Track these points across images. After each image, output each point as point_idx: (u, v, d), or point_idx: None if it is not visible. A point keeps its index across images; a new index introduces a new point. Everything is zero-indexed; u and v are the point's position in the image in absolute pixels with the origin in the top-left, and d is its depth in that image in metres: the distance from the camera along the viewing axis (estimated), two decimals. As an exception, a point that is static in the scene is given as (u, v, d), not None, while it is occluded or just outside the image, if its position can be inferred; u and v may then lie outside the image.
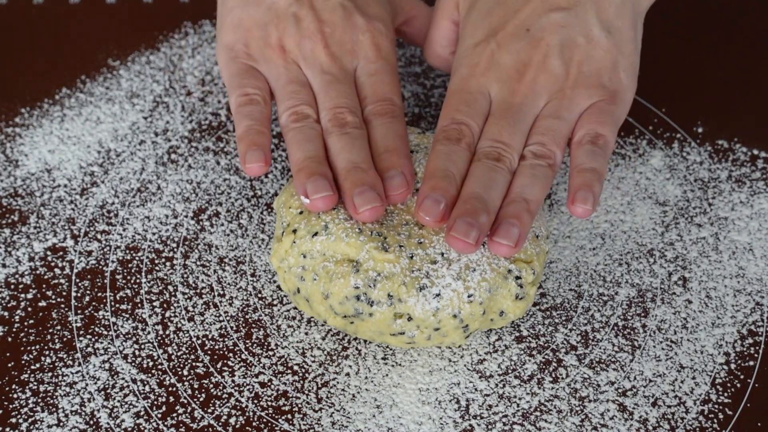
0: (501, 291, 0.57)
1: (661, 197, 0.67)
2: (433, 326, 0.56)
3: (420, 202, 0.56)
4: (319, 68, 0.63)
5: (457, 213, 0.55)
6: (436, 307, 0.55)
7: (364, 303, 0.56)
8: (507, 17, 0.61)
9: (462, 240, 0.54)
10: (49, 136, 0.71)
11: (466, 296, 0.56)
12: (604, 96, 0.60)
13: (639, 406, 0.56)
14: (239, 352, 0.59)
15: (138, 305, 0.61)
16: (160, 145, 0.71)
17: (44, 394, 0.57)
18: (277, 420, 0.56)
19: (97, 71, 0.76)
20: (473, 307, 0.56)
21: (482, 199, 0.55)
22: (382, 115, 0.61)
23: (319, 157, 0.59)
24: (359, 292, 0.56)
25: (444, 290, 0.55)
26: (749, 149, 0.70)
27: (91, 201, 0.67)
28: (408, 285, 0.56)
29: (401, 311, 0.56)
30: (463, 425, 0.55)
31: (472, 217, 0.54)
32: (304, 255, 0.57)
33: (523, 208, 0.56)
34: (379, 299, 0.56)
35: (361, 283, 0.56)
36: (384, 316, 0.56)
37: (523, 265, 0.57)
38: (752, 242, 0.64)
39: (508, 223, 0.55)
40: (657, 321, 0.60)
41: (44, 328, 0.60)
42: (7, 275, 0.63)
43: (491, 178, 0.57)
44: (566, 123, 0.59)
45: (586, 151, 0.58)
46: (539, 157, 0.58)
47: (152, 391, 0.57)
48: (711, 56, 0.78)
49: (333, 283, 0.56)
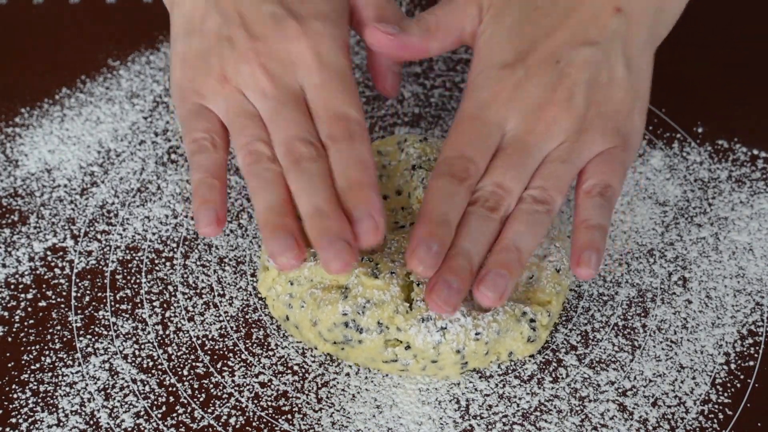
0: (512, 333, 0.56)
1: (661, 197, 0.67)
2: (431, 358, 0.55)
3: (414, 249, 0.53)
4: (261, 93, 0.57)
5: (442, 270, 0.53)
6: (438, 340, 0.55)
7: (353, 330, 0.55)
8: (537, 41, 0.58)
9: (440, 306, 0.52)
10: (49, 136, 0.71)
11: (474, 333, 0.55)
12: (617, 142, 0.57)
13: (639, 406, 0.56)
14: (239, 352, 0.59)
15: (138, 305, 0.61)
16: (160, 145, 0.71)
17: (44, 394, 0.57)
18: (277, 420, 0.56)
19: (97, 71, 0.76)
20: (478, 346, 0.55)
21: (469, 255, 0.53)
22: (339, 140, 0.56)
23: (280, 206, 0.54)
24: (347, 319, 0.55)
25: (451, 324, 0.55)
26: (749, 149, 0.70)
27: (91, 201, 0.67)
28: (406, 314, 0.55)
29: (400, 339, 0.55)
30: (463, 425, 0.55)
31: (455, 277, 0.52)
32: (291, 282, 0.57)
33: (514, 258, 0.54)
34: (368, 326, 0.55)
35: (350, 309, 0.55)
36: (374, 343, 0.55)
37: (538, 309, 0.56)
38: (752, 242, 0.64)
39: (496, 273, 0.53)
40: (657, 321, 0.60)
41: (44, 328, 0.60)
42: (7, 275, 0.63)
43: (482, 231, 0.54)
44: (574, 168, 0.57)
45: (595, 205, 0.56)
46: (539, 203, 0.55)
47: (152, 391, 0.57)
48: (711, 56, 0.78)
49: (321, 309, 0.56)
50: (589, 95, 0.57)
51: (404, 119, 0.72)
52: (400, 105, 0.74)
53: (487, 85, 0.58)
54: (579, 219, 0.56)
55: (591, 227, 0.55)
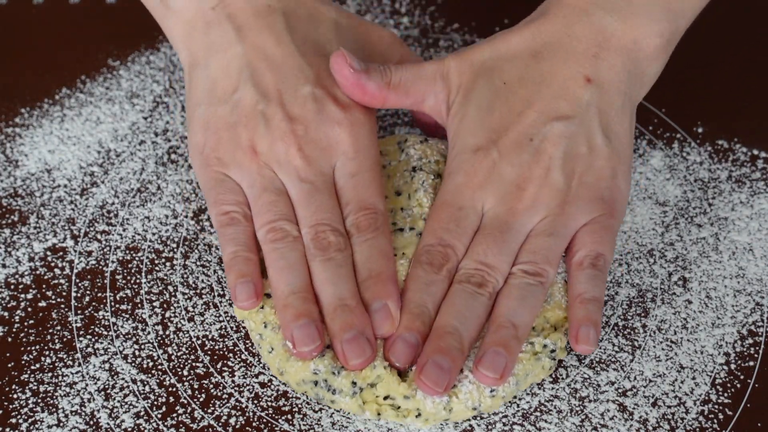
0: (534, 372, 0.55)
1: (661, 197, 0.67)
2: (444, 418, 0.54)
3: (392, 343, 0.54)
4: (295, 175, 0.58)
5: (430, 350, 0.53)
6: (446, 401, 0.53)
7: (323, 389, 0.54)
8: (510, 120, 0.58)
9: (431, 388, 0.52)
10: (49, 136, 0.71)
11: (488, 391, 0.53)
12: (603, 210, 0.57)
13: (639, 406, 0.56)
14: (239, 352, 0.59)
15: (138, 305, 0.61)
16: (160, 145, 0.71)
17: (44, 395, 0.57)
18: (277, 420, 0.56)
19: (97, 71, 0.76)
20: (495, 401, 0.54)
21: (458, 333, 0.53)
22: (365, 230, 0.57)
23: (304, 291, 0.55)
24: (318, 378, 0.53)
25: (460, 383, 0.53)
26: (749, 149, 0.70)
27: (91, 201, 0.67)
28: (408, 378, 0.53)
29: (407, 407, 0.53)
30: (463, 425, 0.55)
31: (445, 357, 0.52)
32: (265, 324, 0.56)
33: (511, 335, 0.53)
34: (341, 388, 0.53)
35: (323, 369, 0.53)
36: (348, 405, 0.54)
37: (556, 336, 0.55)
38: (752, 242, 0.64)
39: (494, 352, 0.52)
40: (657, 321, 0.60)
41: (44, 329, 0.60)
42: (7, 275, 0.63)
43: (470, 307, 0.54)
44: (562, 239, 0.57)
45: (588, 276, 0.56)
46: (530, 275, 0.55)
47: (152, 392, 0.57)
48: (711, 56, 0.78)
49: (289, 363, 0.54)
50: (568, 168, 0.57)
51: (404, 119, 0.72)
52: (400, 105, 0.74)
53: (461, 170, 0.58)
54: (573, 293, 0.56)
55: (586, 301, 0.55)
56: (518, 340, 0.54)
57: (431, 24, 0.80)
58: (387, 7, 0.82)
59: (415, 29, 0.80)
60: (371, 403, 0.54)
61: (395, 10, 0.81)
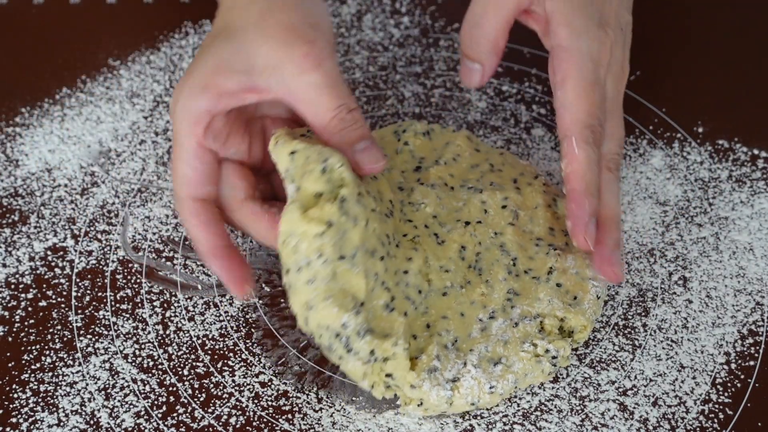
0: (532, 373, 0.55)
1: (662, 197, 0.67)
2: (443, 410, 0.54)
3: (585, 226, 0.56)
4: None
5: (614, 242, 0.57)
6: (450, 395, 0.54)
7: (341, 345, 0.52)
8: (606, 7, 0.61)
9: (618, 275, 0.57)
10: (49, 135, 0.71)
11: (488, 387, 0.54)
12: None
13: (639, 405, 0.56)
14: (239, 352, 0.59)
15: (138, 305, 0.61)
16: (160, 145, 0.71)
17: (44, 394, 0.57)
18: (277, 420, 0.56)
19: (98, 71, 0.76)
20: (493, 398, 0.55)
21: (620, 223, 0.59)
22: None
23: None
24: (342, 332, 0.52)
25: (462, 378, 0.54)
26: (749, 149, 0.70)
27: (91, 201, 0.67)
28: (417, 368, 0.54)
29: (411, 396, 0.54)
30: (463, 425, 0.55)
31: (619, 249, 0.57)
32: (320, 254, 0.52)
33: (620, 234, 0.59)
34: (358, 350, 0.52)
35: (352, 326, 0.52)
36: (354, 368, 0.53)
37: (561, 344, 0.56)
38: (753, 242, 0.64)
39: (617, 252, 0.58)
40: (657, 320, 0.60)
41: (44, 328, 0.60)
42: (7, 275, 0.63)
43: (618, 193, 0.59)
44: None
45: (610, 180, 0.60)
46: (618, 169, 0.60)
47: (152, 391, 0.57)
48: (711, 56, 0.78)
49: (324, 303, 0.52)
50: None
51: (404, 119, 0.73)
52: (400, 105, 0.74)
53: (592, 47, 0.59)
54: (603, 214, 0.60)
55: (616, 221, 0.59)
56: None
57: (431, 24, 0.80)
58: (387, 6, 0.82)
59: (416, 29, 0.80)
60: (372, 375, 0.53)
61: (395, 10, 0.81)
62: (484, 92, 0.74)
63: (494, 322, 0.56)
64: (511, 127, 0.72)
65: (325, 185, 0.52)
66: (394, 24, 0.80)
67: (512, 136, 0.71)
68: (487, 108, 0.73)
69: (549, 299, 0.57)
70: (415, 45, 0.78)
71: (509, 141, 0.71)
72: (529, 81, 0.75)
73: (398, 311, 0.54)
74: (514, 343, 0.55)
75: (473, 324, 0.56)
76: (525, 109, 0.73)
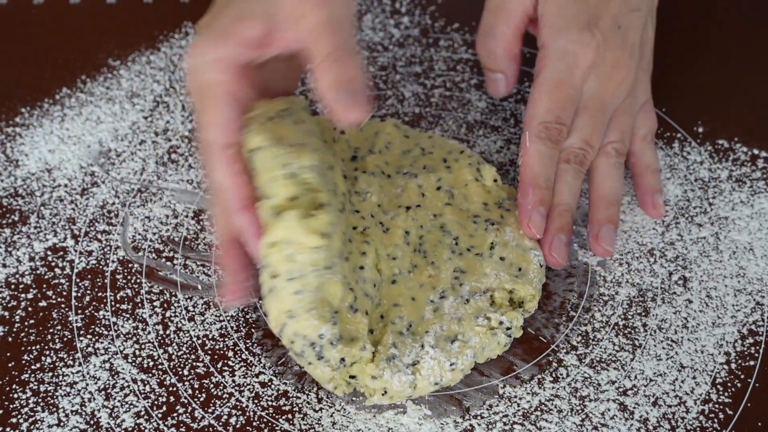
0: (489, 346, 0.56)
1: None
2: (409, 395, 0.55)
3: (528, 215, 0.59)
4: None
5: (555, 228, 0.60)
6: (411, 379, 0.54)
7: (313, 352, 0.53)
8: (599, 7, 0.63)
9: (558, 260, 0.59)
10: (49, 135, 0.71)
11: (448, 364, 0.55)
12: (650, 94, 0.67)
13: (639, 405, 0.56)
14: (239, 352, 0.59)
15: (138, 305, 0.61)
16: (160, 145, 0.71)
17: (44, 394, 0.57)
18: (277, 420, 0.56)
19: (98, 71, 0.76)
20: (455, 375, 0.55)
21: (572, 210, 0.61)
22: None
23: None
24: (317, 341, 0.53)
25: (422, 360, 0.54)
26: (749, 149, 0.70)
27: (91, 201, 0.67)
28: (376, 359, 0.54)
29: (374, 387, 0.54)
30: (463, 425, 0.55)
31: (566, 234, 0.60)
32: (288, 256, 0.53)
33: (615, 213, 0.62)
34: (329, 358, 0.53)
35: (328, 336, 0.52)
36: (322, 374, 0.53)
37: (513, 315, 0.56)
38: (752, 242, 0.64)
39: (608, 228, 0.62)
40: (657, 320, 0.60)
41: (44, 328, 0.60)
42: (7, 275, 0.63)
43: (576, 185, 0.61)
44: (633, 119, 0.65)
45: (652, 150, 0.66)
46: (620, 155, 0.64)
47: (152, 391, 0.57)
48: (711, 56, 0.78)
49: (308, 313, 0.52)
50: (639, 54, 0.65)
51: (404, 119, 0.73)
52: (400, 105, 0.74)
53: (570, 50, 0.62)
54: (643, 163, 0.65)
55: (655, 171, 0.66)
56: (618, 214, 0.63)
57: (431, 24, 0.80)
58: (387, 6, 0.82)
59: (416, 29, 0.80)
60: (338, 379, 0.54)
61: (395, 10, 0.81)
62: (483, 92, 0.74)
63: (445, 301, 0.57)
64: (511, 127, 0.72)
65: (296, 188, 0.53)
66: (394, 24, 0.80)
67: (512, 136, 0.71)
68: (487, 108, 0.73)
69: (495, 273, 0.58)
70: (415, 45, 0.78)
71: (509, 141, 0.71)
72: (529, 81, 0.75)
73: (360, 311, 0.55)
74: (467, 319, 0.56)
75: (425, 306, 0.57)
76: (525, 109, 0.73)
